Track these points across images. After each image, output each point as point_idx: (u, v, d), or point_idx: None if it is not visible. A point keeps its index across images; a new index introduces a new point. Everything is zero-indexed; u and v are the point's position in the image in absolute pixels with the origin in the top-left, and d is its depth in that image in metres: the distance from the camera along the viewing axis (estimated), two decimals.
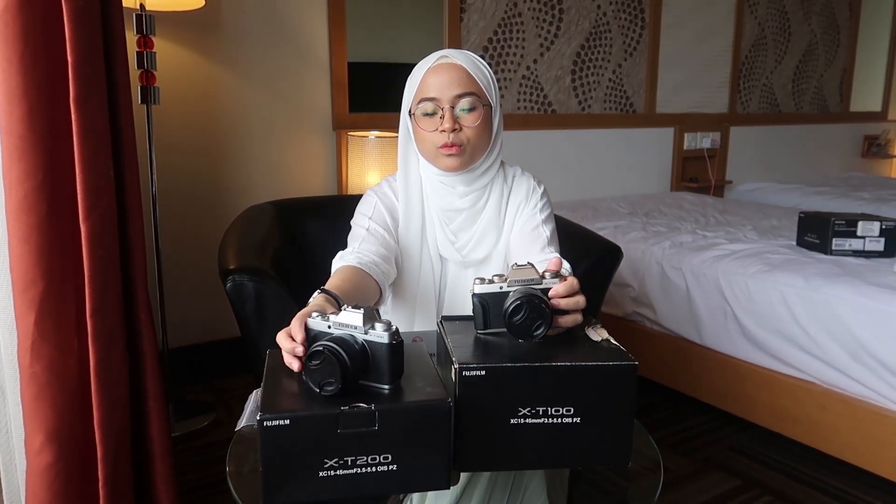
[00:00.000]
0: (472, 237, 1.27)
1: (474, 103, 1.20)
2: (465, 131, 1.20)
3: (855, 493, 1.93)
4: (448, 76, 1.19)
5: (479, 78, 1.21)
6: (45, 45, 1.15)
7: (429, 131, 1.21)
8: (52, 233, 1.19)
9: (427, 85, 1.20)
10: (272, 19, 2.64)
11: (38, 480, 1.21)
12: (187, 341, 2.57)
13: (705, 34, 4.11)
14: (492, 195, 1.28)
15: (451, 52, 1.22)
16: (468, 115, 1.20)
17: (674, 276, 2.44)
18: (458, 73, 1.19)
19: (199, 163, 2.56)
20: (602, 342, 0.93)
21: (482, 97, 1.21)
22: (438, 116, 1.20)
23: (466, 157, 1.22)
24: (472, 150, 1.22)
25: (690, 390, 2.42)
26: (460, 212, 1.27)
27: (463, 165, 1.23)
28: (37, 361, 1.19)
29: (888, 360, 1.88)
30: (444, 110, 1.19)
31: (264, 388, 0.85)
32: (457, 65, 1.20)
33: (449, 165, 1.22)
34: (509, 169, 1.34)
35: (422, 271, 1.28)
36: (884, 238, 2.29)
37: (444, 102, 1.19)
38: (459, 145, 1.20)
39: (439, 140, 1.20)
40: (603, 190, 3.75)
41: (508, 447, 0.87)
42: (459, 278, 1.29)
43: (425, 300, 1.29)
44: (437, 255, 1.29)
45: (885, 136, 5.38)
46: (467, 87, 1.19)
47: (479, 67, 1.22)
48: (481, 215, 1.28)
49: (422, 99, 1.21)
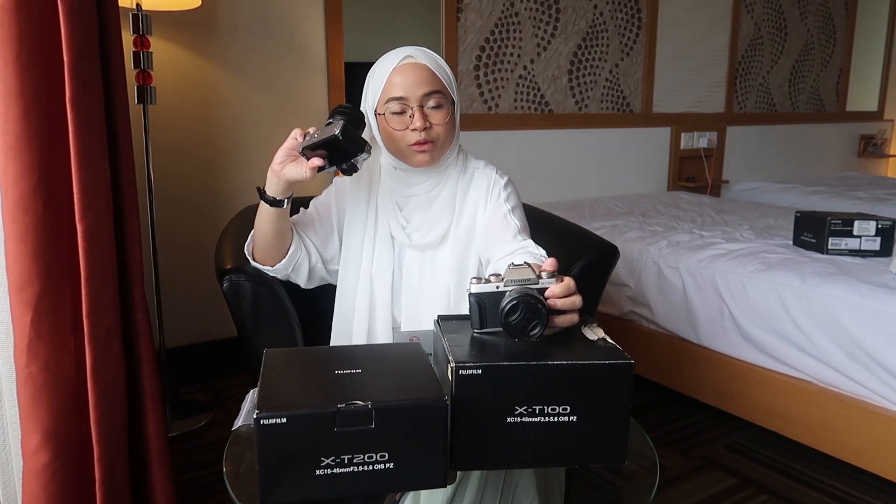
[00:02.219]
0: (423, 221, 1.30)
1: (441, 101, 1.24)
2: (434, 128, 1.24)
3: (850, 492, 1.94)
4: (415, 76, 1.23)
5: (442, 77, 1.25)
6: (41, 44, 1.15)
7: (399, 130, 1.24)
8: (49, 232, 1.18)
9: (393, 85, 1.23)
10: (269, 19, 2.64)
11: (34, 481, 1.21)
12: (184, 341, 2.57)
13: (702, 34, 4.12)
14: (447, 182, 1.32)
15: (413, 51, 1.25)
16: (437, 112, 1.24)
17: (670, 276, 2.44)
18: (424, 73, 1.23)
19: (196, 162, 2.56)
20: (598, 341, 0.94)
21: (447, 95, 1.26)
22: (408, 115, 1.23)
23: (436, 152, 1.27)
24: (441, 145, 1.27)
25: (687, 389, 2.43)
26: (415, 197, 1.31)
27: (433, 160, 1.28)
28: (33, 361, 1.19)
29: (884, 359, 1.89)
30: (414, 109, 1.22)
31: (261, 387, 0.85)
32: (422, 64, 1.24)
33: (421, 161, 1.27)
34: (473, 161, 1.37)
35: (375, 254, 1.32)
36: (880, 237, 2.29)
37: (412, 101, 1.23)
38: (431, 142, 1.24)
39: (411, 138, 1.24)
40: (600, 189, 3.75)
41: (505, 446, 0.87)
42: (416, 261, 1.32)
43: (381, 282, 1.32)
44: (389, 238, 1.32)
45: (882, 135, 5.40)
46: (434, 86, 1.23)
47: (441, 66, 1.26)
48: (435, 201, 1.31)
49: (389, 98, 1.24)
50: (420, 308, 1.31)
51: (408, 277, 1.32)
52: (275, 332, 1.40)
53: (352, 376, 0.89)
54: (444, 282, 1.30)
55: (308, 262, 1.33)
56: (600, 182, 3.76)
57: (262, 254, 1.30)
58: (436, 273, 1.31)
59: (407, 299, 1.32)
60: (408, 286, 1.32)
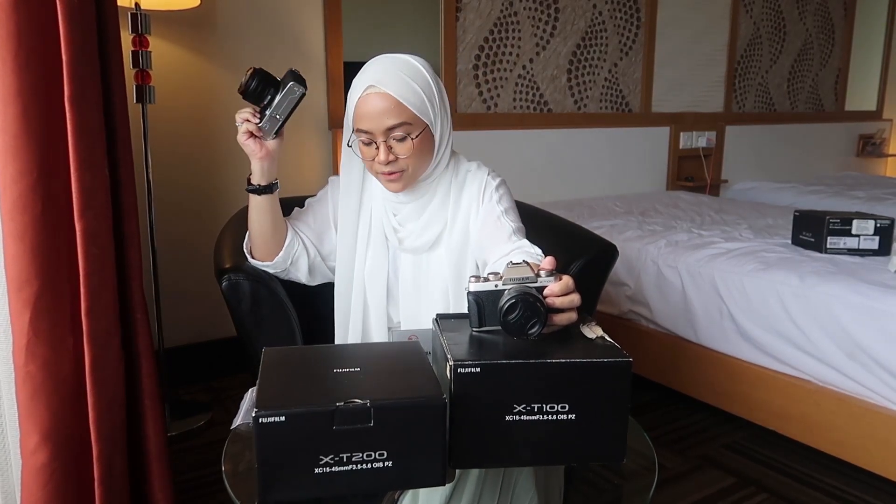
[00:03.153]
0: (416, 227, 1.31)
1: (408, 130, 1.20)
2: (401, 161, 1.21)
3: (849, 491, 1.94)
4: (377, 108, 1.18)
5: (410, 103, 1.18)
6: (40, 43, 1.15)
7: (368, 160, 1.24)
8: (47, 232, 1.18)
9: (359, 116, 1.20)
10: (268, 18, 2.64)
11: (33, 480, 1.21)
12: (183, 341, 2.57)
13: (701, 33, 4.12)
14: (438, 188, 1.31)
15: (379, 77, 1.19)
16: (401, 144, 1.20)
17: (669, 275, 2.44)
18: (387, 104, 1.17)
19: (195, 162, 2.56)
20: (597, 339, 0.94)
21: (415, 123, 1.20)
22: (374, 147, 1.21)
23: (408, 178, 1.25)
24: (414, 171, 1.24)
25: (686, 388, 2.43)
26: (406, 203, 1.31)
27: (405, 187, 1.27)
28: (32, 361, 1.19)
29: (882, 358, 1.89)
30: (379, 143, 1.20)
31: (260, 386, 0.85)
32: (385, 94, 1.17)
33: (392, 188, 1.27)
34: (466, 164, 1.35)
35: (369, 253, 1.33)
36: (878, 236, 2.30)
37: (377, 136, 1.19)
38: (399, 172, 1.22)
39: (379, 168, 1.23)
40: (599, 189, 3.75)
41: (503, 444, 0.87)
42: (410, 265, 1.32)
43: (375, 282, 1.33)
44: (383, 238, 1.33)
45: (880, 135, 5.40)
46: (397, 118, 1.18)
47: (410, 89, 1.19)
48: (428, 207, 1.31)
49: (357, 129, 1.22)
50: (419, 309, 1.31)
51: (403, 280, 1.33)
52: (274, 331, 1.40)
53: (350, 375, 0.89)
54: (441, 285, 1.30)
55: (307, 256, 1.34)
56: (599, 181, 3.76)
57: (260, 250, 1.31)
58: (431, 276, 1.31)
59: (404, 300, 1.33)
60: (403, 288, 1.33)
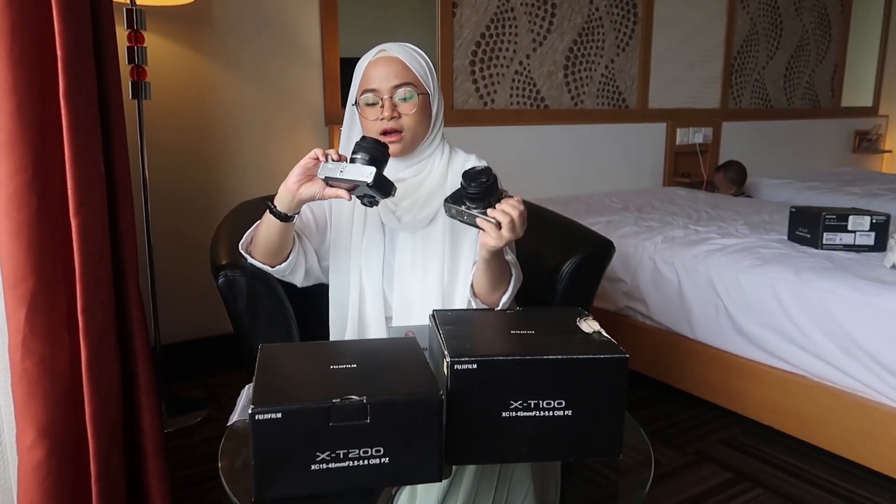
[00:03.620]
0: (415, 202, 1.33)
1: (411, 92, 1.29)
2: (403, 118, 1.29)
3: (844, 486, 1.95)
4: (386, 69, 1.29)
5: (415, 69, 1.30)
6: (35, 39, 1.14)
7: (371, 119, 1.30)
8: (43, 228, 1.18)
9: (368, 77, 1.30)
10: (263, 14, 2.63)
11: (30, 476, 1.21)
12: (179, 337, 2.57)
13: (697, 29, 4.12)
14: (434, 167, 1.36)
15: (389, 45, 1.31)
16: (406, 103, 1.29)
17: (666, 271, 2.45)
18: (396, 66, 1.29)
19: (191, 158, 2.55)
20: (594, 334, 0.94)
21: (419, 86, 1.30)
22: (379, 106, 1.28)
23: (406, 142, 1.31)
24: (413, 135, 1.31)
25: (682, 384, 2.44)
26: (402, 181, 1.33)
27: (403, 150, 1.31)
28: (28, 357, 1.19)
29: (878, 354, 1.89)
30: (384, 100, 1.28)
31: (256, 383, 0.85)
32: (394, 57, 1.29)
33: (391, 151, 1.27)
34: (464, 154, 1.39)
35: (365, 238, 1.35)
36: (874, 232, 2.30)
37: (383, 93, 1.28)
38: (399, 131, 1.29)
39: (380, 127, 1.29)
40: (595, 185, 3.75)
41: (500, 440, 0.88)
42: (408, 243, 1.34)
43: (371, 262, 1.35)
44: (378, 223, 1.35)
45: (876, 131, 5.41)
46: (404, 78, 1.28)
47: (415, 59, 1.31)
48: (424, 184, 1.34)
49: (364, 90, 1.30)
50: (413, 287, 1.32)
51: (400, 259, 1.34)
52: (270, 327, 1.40)
53: (347, 371, 0.89)
54: (438, 261, 1.31)
55: (305, 265, 1.34)
56: (596, 178, 3.76)
57: (262, 256, 1.31)
58: (428, 253, 1.32)
59: (400, 279, 1.33)
60: (400, 268, 1.33)
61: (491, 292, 1.24)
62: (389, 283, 1.34)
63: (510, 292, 1.26)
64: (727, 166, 4.05)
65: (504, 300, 1.26)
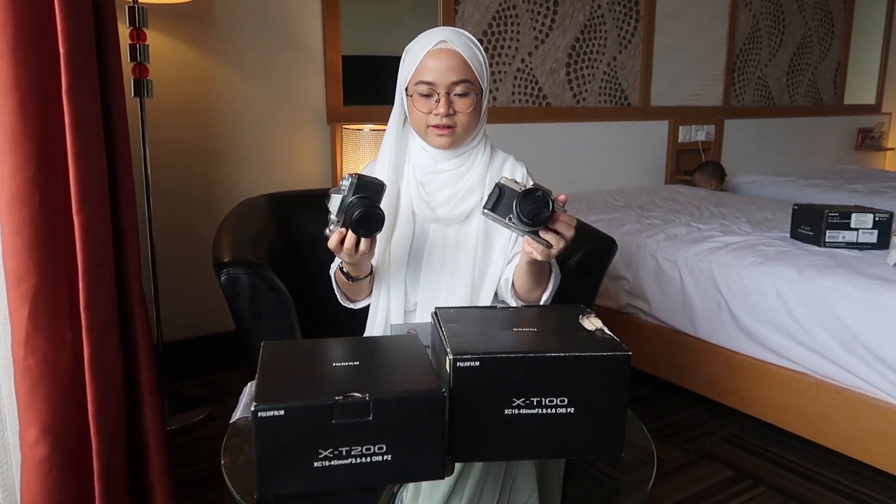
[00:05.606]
0: (454, 195, 1.31)
1: (468, 89, 1.26)
2: (458, 115, 1.26)
3: (847, 483, 1.94)
4: (447, 62, 1.24)
5: (474, 66, 1.26)
6: (37, 37, 1.14)
7: (423, 112, 1.27)
8: (46, 226, 1.18)
9: (425, 68, 1.25)
10: (265, 12, 2.63)
11: (32, 474, 1.21)
12: (181, 335, 2.57)
13: (699, 27, 4.12)
14: (476, 162, 1.34)
15: (450, 35, 1.26)
16: (462, 100, 1.26)
17: (668, 269, 2.45)
18: (456, 61, 1.24)
19: (193, 156, 2.55)
20: (596, 332, 0.94)
21: (476, 84, 1.27)
22: (434, 99, 1.25)
23: (457, 137, 1.29)
24: (464, 131, 1.28)
25: (684, 382, 2.43)
26: (441, 174, 1.32)
27: (452, 145, 1.29)
28: (31, 355, 1.19)
29: (880, 351, 1.89)
30: (441, 95, 1.24)
31: (259, 380, 0.85)
32: (455, 51, 1.24)
33: (439, 144, 1.29)
34: (503, 154, 1.38)
35: (396, 227, 1.33)
36: (877, 230, 2.30)
37: (440, 88, 1.24)
38: (452, 127, 1.26)
39: (432, 120, 1.26)
40: (597, 183, 3.75)
41: (502, 438, 0.88)
42: (440, 236, 1.32)
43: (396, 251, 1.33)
44: (410, 214, 1.33)
45: (879, 128, 5.40)
46: (464, 75, 1.25)
47: (475, 55, 1.27)
48: (464, 177, 1.32)
49: (419, 81, 1.25)
50: (439, 287, 1.30)
51: (430, 251, 1.32)
52: (273, 324, 1.40)
53: (350, 368, 0.89)
54: (469, 258, 1.30)
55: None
56: (598, 175, 3.76)
57: (365, 297, 1.35)
58: (460, 249, 1.31)
59: (426, 274, 1.31)
60: (428, 261, 1.32)
61: (531, 290, 1.25)
62: (413, 276, 1.32)
63: (550, 290, 1.25)
64: (702, 166, 4.06)
65: (545, 297, 1.26)
